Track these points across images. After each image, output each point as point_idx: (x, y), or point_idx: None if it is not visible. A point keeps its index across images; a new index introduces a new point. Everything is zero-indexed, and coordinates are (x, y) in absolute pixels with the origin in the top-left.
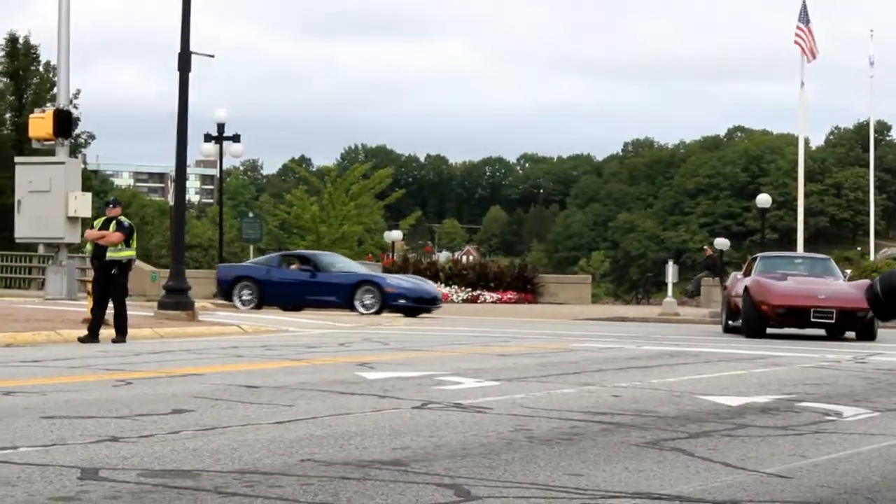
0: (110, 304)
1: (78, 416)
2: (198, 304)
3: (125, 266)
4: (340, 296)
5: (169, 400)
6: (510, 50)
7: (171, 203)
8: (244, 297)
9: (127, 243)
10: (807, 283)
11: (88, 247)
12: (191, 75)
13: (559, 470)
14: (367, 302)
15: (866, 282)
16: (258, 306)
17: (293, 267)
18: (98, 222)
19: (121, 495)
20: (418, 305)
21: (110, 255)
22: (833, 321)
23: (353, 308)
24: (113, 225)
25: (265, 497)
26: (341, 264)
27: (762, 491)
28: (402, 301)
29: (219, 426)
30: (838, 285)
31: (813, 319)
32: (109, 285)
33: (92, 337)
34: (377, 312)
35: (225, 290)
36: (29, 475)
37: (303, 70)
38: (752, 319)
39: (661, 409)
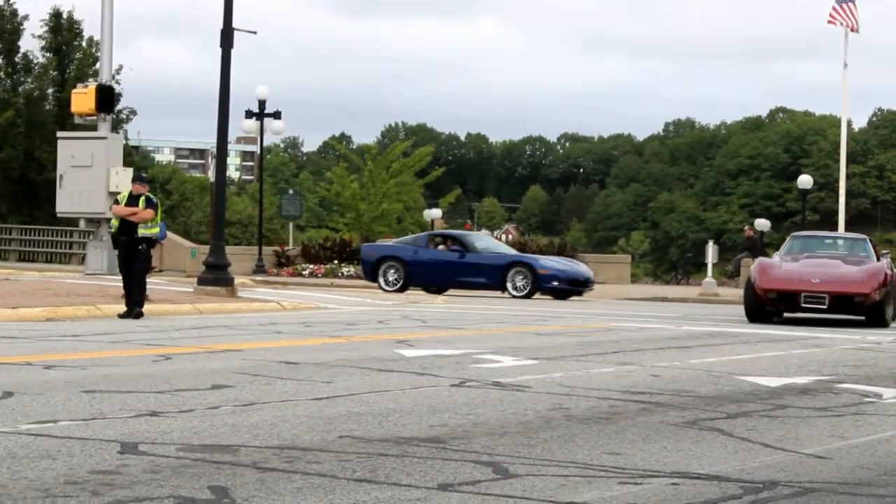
0: None
1: (118, 390)
2: (237, 280)
3: (153, 243)
4: (491, 277)
5: (208, 375)
6: (551, 28)
7: (212, 179)
8: (389, 278)
9: (153, 220)
10: (816, 265)
11: (114, 222)
12: (233, 52)
13: (597, 449)
14: (519, 284)
15: (880, 265)
16: (403, 288)
17: (441, 247)
18: (123, 198)
19: (160, 469)
20: (571, 288)
21: (142, 231)
22: (825, 306)
23: (503, 290)
24: (142, 201)
25: (304, 473)
26: (490, 245)
27: (801, 471)
28: (554, 283)
29: (258, 402)
30: (848, 269)
31: (803, 304)
32: (134, 260)
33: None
34: (528, 295)
35: (369, 271)
36: (69, 449)
37: (344, 47)
38: (749, 303)
39: (700, 389)
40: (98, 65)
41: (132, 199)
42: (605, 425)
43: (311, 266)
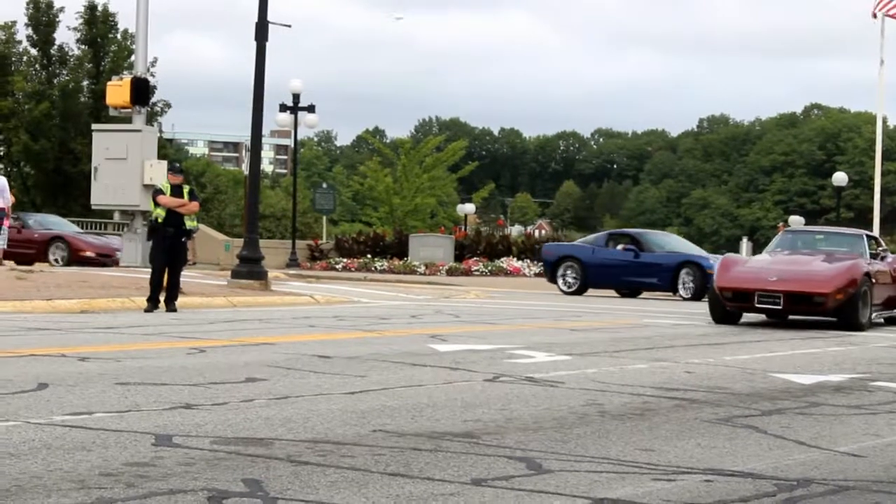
0: None
1: (152, 382)
2: (270, 273)
3: (191, 235)
4: (662, 278)
5: (242, 368)
6: (584, 23)
7: (246, 173)
8: (568, 279)
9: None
10: (786, 262)
11: (160, 211)
12: (267, 45)
13: (630, 445)
14: (690, 285)
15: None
16: (580, 290)
17: (620, 247)
18: (166, 188)
19: (194, 462)
20: None
21: (189, 224)
22: (780, 307)
23: (675, 291)
24: (187, 194)
25: (337, 466)
26: (670, 243)
27: (835, 469)
28: None
29: (291, 395)
30: (818, 267)
31: (757, 304)
32: (175, 253)
33: (160, 304)
34: (694, 296)
35: (549, 271)
36: (104, 440)
37: (377, 42)
38: (711, 302)
39: (733, 386)
40: (133, 57)
41: (175, 191)
42: (639, 421)
43: (345, 260)
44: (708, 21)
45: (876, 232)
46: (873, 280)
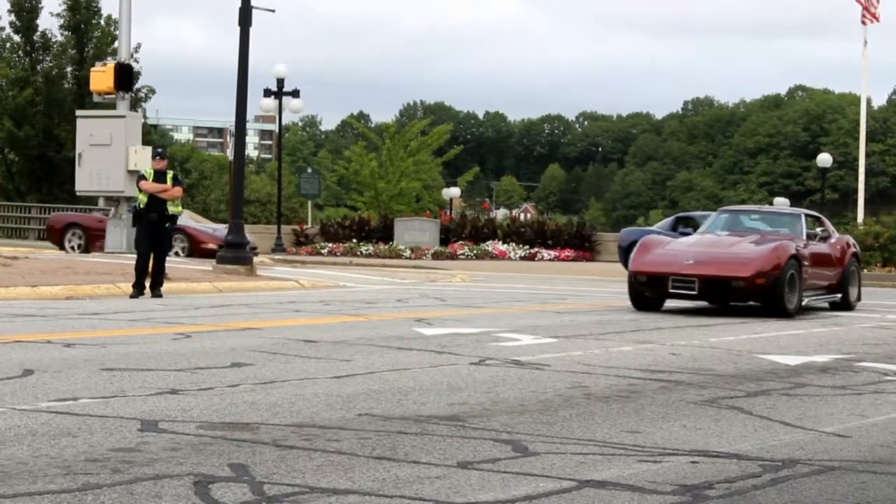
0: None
1: (138, 368)
2: (256, 258)
3: (175, 220)
4: None
5: (227, 353)
6: (569, 6)
7: (230, 158)
8: None
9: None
10: (707, 244)
11: (142, 197)
12: (251, 30)
13: (616, 427)
14: None
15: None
16: None
17: (681, 230)
18: (149, 174)
19: (180, 447)
20: None
21: (172, 209)
22: (695, 292)
23: None
24: (170, 179)
25: (323, 451)
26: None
27: (820, 450)
28: None
29: (277, 380)
30: (741, 249)
31: (671, 290)
32: (158, 239)
33: (145, 289)
34: None
35: (621, 257)
36: (90, 426)
37: (361, 26)
38: (629, 287)
39: (719, 367)
40: (116, 43)
41: (159, 176)
42: (625, 404)
43: (330, 245)
44: (692, 3)
45: (860, 213)
46: (806, 262)
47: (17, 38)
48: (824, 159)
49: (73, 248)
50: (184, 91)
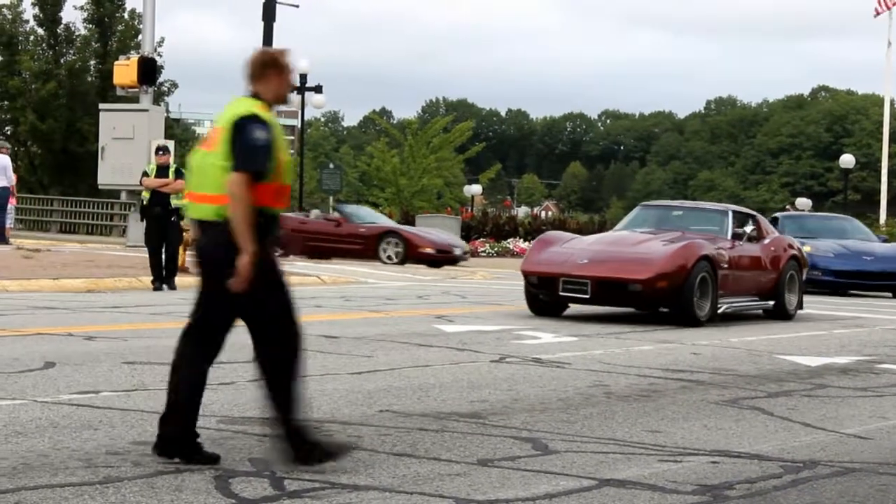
0: None
1: (159, 361)
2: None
3: (181, 213)
4: None
5: (249, 348)
6: (593, 3)
7: None
8: None
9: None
10: (610, 242)
11: (145, 194)
12: (275, 25)
13: (637, 426)
14: None
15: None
16: None
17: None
18: (152, 170)
19: (201, 441)
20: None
21: (175, 202)
22: (587, 295)
23: None
24: (172, 173)
25: None
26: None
27: (841, 451)
28: None
29: None
30: (644, 249)
31: (562, 293)
32: (167, 232)
33: (162, 282)
34: None
35: None
36: (110, 419)
37: (384, 22)
38: (525, 290)
39: (740, 367)
40: (140, 37)
41: (161, 171)
42: (645, 403)
43: None
44: (716, 2)
45: (883, 214)
46: (725, 265)
47: (40, 31)
48: (847, 160)
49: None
50: (206, 85)
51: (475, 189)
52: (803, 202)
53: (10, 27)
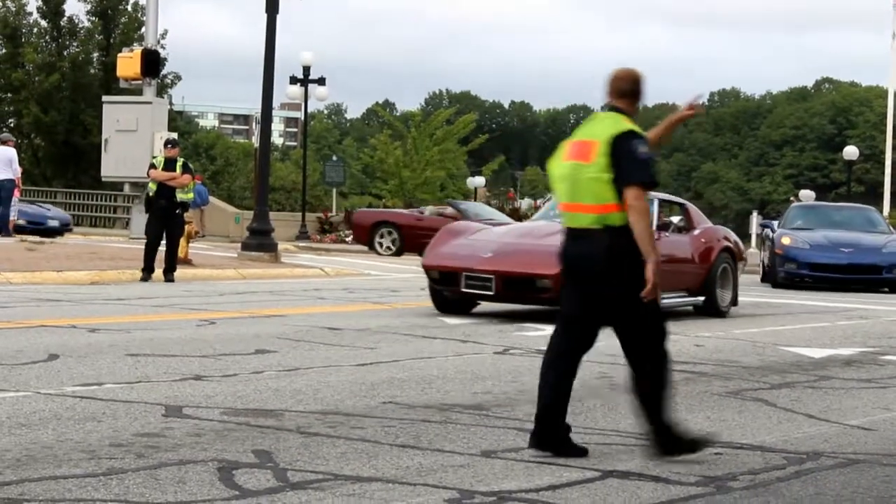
0: None
1: (162, 354)
2: (280, 246)
3: (187, 207)
4: None
5: (252, 340)
6: None
7: (256, 145)
8: None
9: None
10: (522, 233)
11: (152, 186)
12: (278, 18)
13: (641, 418)
14: None
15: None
16: None
17: None
18: (159, 162)
19: (204, 433)
20: None
21: (180, 196)
22: (492, 292)
23: None
24: (179, 167)
25: (347, 438)
26: None
27: (845, 443)
28: None
29: (301, 367)
30: (560, 240)
31: (464, 289)
32: (169, 225)
33: (151, 273)
34: None
35: None
36: (114, 411)
37: (388, 14)
38: (429, 286)
39: (743, 359)
40: (143, 29)
41: (169, 164)
42: None
43: None
44: None
45: (886, 207)
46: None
47: (44, 23)
48: (850, 152)
49: (386, 248)
50: (210, 78)
51: (478, 181)
52: (807, 194)
53: (13, 19)
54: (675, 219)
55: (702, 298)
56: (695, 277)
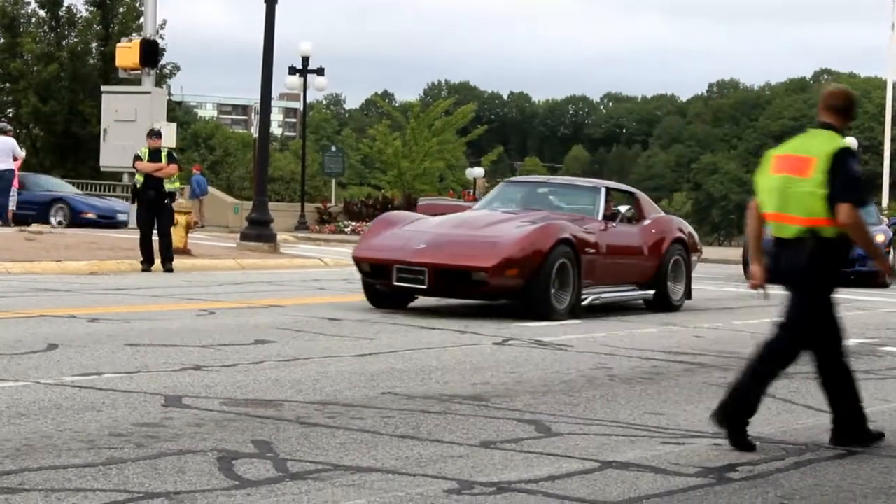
0: None
1: (161, 344)
2: (279, 236)
3: (174, 196)
4: None
5: (251, 330)
6: None
7: (255, 135)
8: None
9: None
10: (455, 224)
11: (139, 177)
12: (277, 7)
13: (640, 409)
14: None
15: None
16: None
17: None
18: (144, 153)
19: (204, 423)
20: None
21: (168, 186)
22: (425, 286)
23: None
24: (164, 157)
25: (346, 428)
26: None
27: None
28: None
29: (300, 357)
30: (499, 231)
31: (396, 282)
32: (158, 215)
33: (151, 263)
34: None
35: None
36: (113, 401)
37: (387, 4)
38: (362, 281)
39: (743, 350)
40: (142, 19)
41: (154, 155)
42: (648, 385)
43: (353, 223)
44: None
45: (885, 198)
46: (592, 250)
47: (42, 13)
48: (849, 143)
49: None
50: (208, 68)
51: (477, 172)
52: None
53: (11, 9)
54: (623, 208)
55: (652, 292)
56: (645, 270)
